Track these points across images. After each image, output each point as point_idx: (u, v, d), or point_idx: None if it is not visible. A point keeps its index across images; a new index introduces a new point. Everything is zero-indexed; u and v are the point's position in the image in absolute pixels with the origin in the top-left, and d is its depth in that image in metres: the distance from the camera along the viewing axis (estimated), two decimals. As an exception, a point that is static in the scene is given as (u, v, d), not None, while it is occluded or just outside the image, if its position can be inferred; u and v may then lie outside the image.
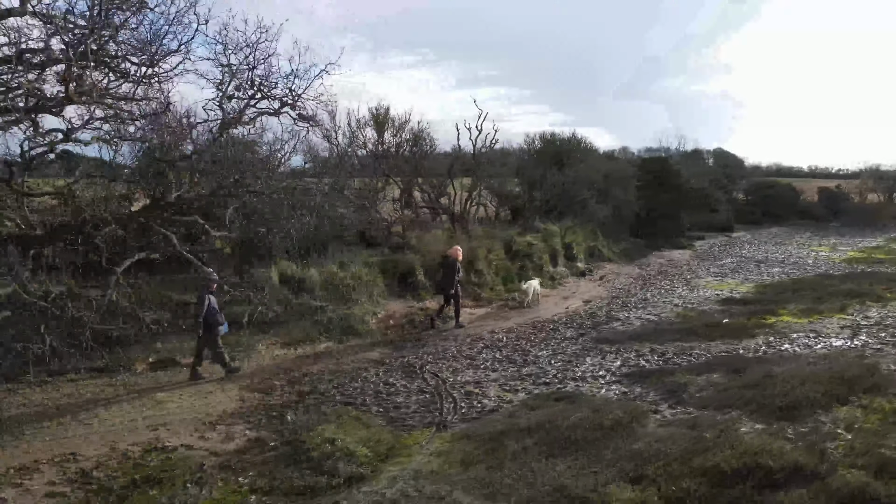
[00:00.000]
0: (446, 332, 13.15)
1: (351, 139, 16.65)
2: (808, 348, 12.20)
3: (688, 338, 12.80)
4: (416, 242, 16.03)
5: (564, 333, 13.26)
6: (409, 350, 11.93)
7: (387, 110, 16.52)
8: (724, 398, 9.21)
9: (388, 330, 12.87)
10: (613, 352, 11.88)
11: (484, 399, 9.36)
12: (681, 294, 17.71)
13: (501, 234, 18.71)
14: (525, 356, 11.61)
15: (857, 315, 15.04)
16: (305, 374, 10.37)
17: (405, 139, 16.81)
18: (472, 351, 11.91)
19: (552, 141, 25.53)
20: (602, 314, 15.10)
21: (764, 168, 75.23)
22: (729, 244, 31.01)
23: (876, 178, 45.21)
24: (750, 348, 12.12)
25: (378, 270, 14.63)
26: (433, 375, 10.45)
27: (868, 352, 11.90)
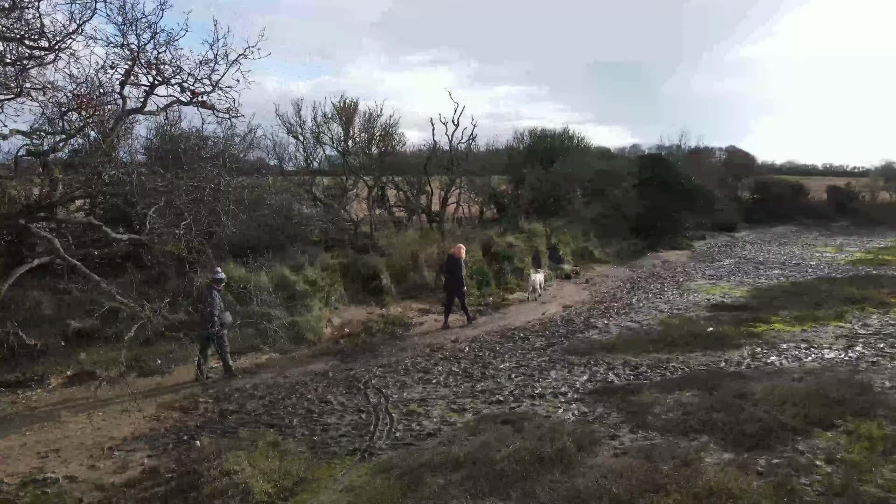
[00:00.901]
0: (405, 343, 12.23)
1: (317, 135, 15.77)
2: (796, 361, 11.18)
3: (666, 349, 11.83)
4: (383, 244, 15.12)
5: (533, 343, 12.31)
6: (360, 362, 11.03)
7: (355, 104, 15.66)
8: (691, 421, 8.26)
9: (343, 339, 11.99)
10: (582, 364, 10.92)
11: (425, 420, 8.45)
12: (668, 299, 16.68)
13: (480, 234, 17.76)
14: (484, 369, 10.68)
15: (856, 323, 13.99)
16: (236, 390, 9.51)
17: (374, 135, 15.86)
18: (427, 363, 10.99)
19: (543, 137, 24.50)
20: (579, 321, 14.13)
21: (777, 166, 73.86)
22: (730, 245, 29.85)
23: (888, 177, 43.74)
24: (732, 361, 11.13)
25: (339, 274, 13.73)
26: (377, 391, 9.55)
27: (862, 365, 10.89)
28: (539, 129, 24.72)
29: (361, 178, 16.37)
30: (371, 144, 15.95)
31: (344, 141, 15.64)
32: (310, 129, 15.61)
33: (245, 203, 11.24)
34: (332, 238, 15.20)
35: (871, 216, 39.82)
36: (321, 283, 12.94)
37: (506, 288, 16.41)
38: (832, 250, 27.92)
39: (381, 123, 16.21)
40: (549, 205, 22.23)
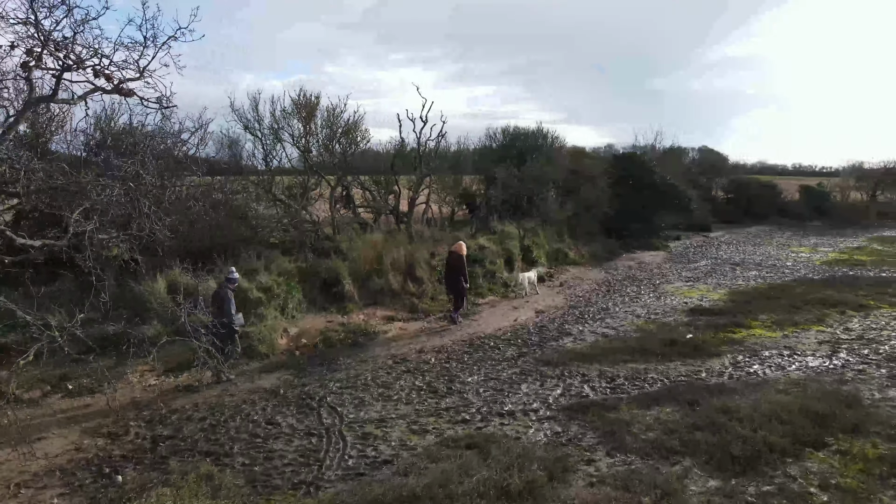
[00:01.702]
0: (367, 354, 11.38)
1: (276, 131, 14.82)
2: (780, 370, 10.61)
3: (644, 357, 11.17)
4: (346, 246, 14.24)
5: (504, 353, 11.56)
6: (316, 376, 10.16)
7: (317, 98, 14.74)
8: (672, 442, 7.57)
9: (298, 350, 11.09)
10: (556, 376, 10.20)
11: (382, 444, 7.63)
12: (645, 303, 16.07)
13: (450, 236, 16.96)
14: (451, 383, 9.89)
15: (837, 327, 13.52)
16: (174, 411, 8.57)
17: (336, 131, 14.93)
18: (389, 377, 10.16)
19: (516, 135, 23.79)
20: (553, 328, 13.41)
21: (749, 166, 74.38)
22: (706, 245, 29.50)
23: (858, 177, 44.02)
24: (713, 371, 10.51)
25: (297, 279, 12.82)
26: (331, 410, 8.69)
27: (849, 374, 10.36)
28: (512, 127, 24.02)
29: (322, 177, 15.45)
30: (332, 141, 15.03)
31: (304, 138, 14.70)
32: (268, 126, 14.68)
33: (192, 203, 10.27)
34: (291, 241, 14.27)
35: (842, 216, 39.98)
36: (276, 290, 12.02)
37: (477, 292, 15.63)
38: (807, 250, 27.72)
39: (345, 119, 15.35)
40: (523, 205, 21.52)
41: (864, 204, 42.37)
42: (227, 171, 14.76)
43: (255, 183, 15.32)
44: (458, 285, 13.42)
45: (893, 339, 12.53)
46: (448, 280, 13.64)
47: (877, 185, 43.67)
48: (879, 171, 43.46)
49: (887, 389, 9.55)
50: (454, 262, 13.39)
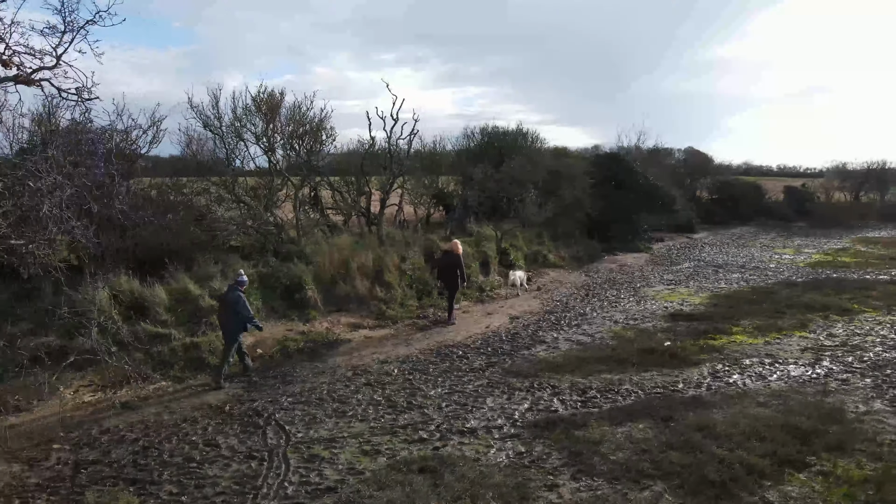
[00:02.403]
0: (327, 364, 10.73)
1: (237, 129, 14.10)
2: (760, 380, 10.08)
3: (619, 367, 10.61)
4: (310, 250, 13.56)
5: (472, 363, 10.95)
6: (268, 390, 9.50)
7: (281, 94, 14.04)
8: (643, 463, 6.99)
9: (252, 361, 10.40)
10: (525, 389, 9.60)
11: (328, 468, 6.99)
12: (624, 308, 15.53)
13: (423, 238, 16.34)
14: (412, 397, 9.26)
15: (821, 333, 13.05)
16: (106, 432, 7.88)
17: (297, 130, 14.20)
18: (347, 390, 9.52)
19: (495, 134, 23.20)
20: (526, 335, 12.83)
21: (734, 167, 74.35)
22: (689, 246, 29.09)
23: (842, 177, 43.91)
24: (691, 382, 9.96)
25: (256, 285, 12.14)
26: (279, 429, 8.04)
27: (832, 384, 9.85)
28: (491, 126, 23.41)
29: (286, 177, 14.76)
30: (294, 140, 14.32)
31: (265, 136, 14.00)
32: (229, 123, 13.95)
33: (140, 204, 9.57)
34: (252, 244, 13.59)
35: (826, 217, 39.78)
36: (231, 297, 11.30)
37: (451, 297, 14.98)
38: (791, 252, 27.38)
39: (311, 117, 14.65)
40: (502, 207, 20.93)
41: (848, 204, 42.24)
42: (185, 172, 14.03)
43: (218, 184, 14.61)
44: (454, 284, 13.42)
45: (878, 346, 12.07)
46: (444, 279, 13.64)
47: (860, 185, 43.59)
48: (862, 171, 43.39)
49: (872, 401, 9.04)
50: (451, 261, 13.40)
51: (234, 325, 9.63)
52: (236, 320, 9.59)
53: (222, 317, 9.81)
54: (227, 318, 9.67)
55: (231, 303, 9.58)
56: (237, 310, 9.54)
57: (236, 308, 9.55)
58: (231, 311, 9.60)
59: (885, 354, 11.53)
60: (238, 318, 9.58)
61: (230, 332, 9.70)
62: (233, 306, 9.55)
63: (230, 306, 9.59)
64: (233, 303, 9.56)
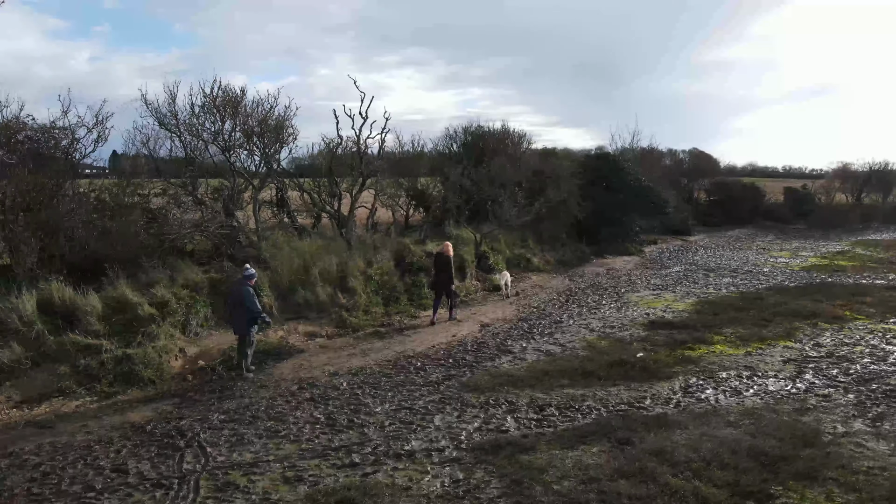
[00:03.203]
0: (267, 378, 10.06)
1: (198, 129, 13.45)
2: (735, 396, 9.39)
3: (585, 381, 9.93)
4: (269, 254, 12.92)
5: (429, 375, 10.28)
6: (201, 406, 8.85)
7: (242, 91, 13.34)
8: (589, 495, 6.31)
9: (192, 374, 9.77)
10: (479, 405, 8.92)
11: (239, 499, 6.33)
12: (603, 315, 14.83)
13: (394, 242, 15.68)
14: (355, 414, 8.60)
15: (807, 342, 12.35)
16: (9, 455, 7.24)
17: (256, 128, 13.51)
18: (287, 406, 8.86)
19: (478, 134, 22.51)
20: (493, 345, 12.16)
21: (739, 168, 73.43)
22: (683, 249, 28.37)
23: (843, 178, 43.00)
24: (660, 397, 9.27)
25: (207, 291, 11.50)
26: (200, 451, 7.38)
27: (811, 401, 9.15)
28: (475, 126, 22.70)
29: (245, 177, 14.10)
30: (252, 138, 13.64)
31: (221, 135, 13.32)
32: (185, 122, 13.28)
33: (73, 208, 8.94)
34: (209, 249, 12.95)
35: (826, 218, 38.95)
36: (175, 305, 10.68)
37: (420, 304, 14.35)
38: (787, 255, 26.62)
39: (275, 115, 13.97)
40: (486, 209, 20.24)
41: (849, 206, 41.35)
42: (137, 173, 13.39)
43: (178, 185, 13.98)
44: (448, 287, 13.54)
45: (866, 357, 11.37)
46: (436, 282, 13.70)
47: (862, 186, 42.70)
48: (865, 172, 42.49)
49: (853, 421, 8.33)
50: (442, 263, 13.50)
51: (244, 319, 9.74)
52: (245, 315, 9.71)
53: (231, 312, 9.98)
54: (236, 313, 9.83)
55: (240, 298, 9.68)
56: (246, 304, 9.64)
57: (245, 303, 9.64)
58: (239, 306, 9.72)
59: (872, 367, 10.83)
60: (248, 312, 9.69)
61: (240, 327, 9.82)
62: (241, 301, 9.65)
63: (238, 301, 9.71)
64: (242, 297, 9.65)
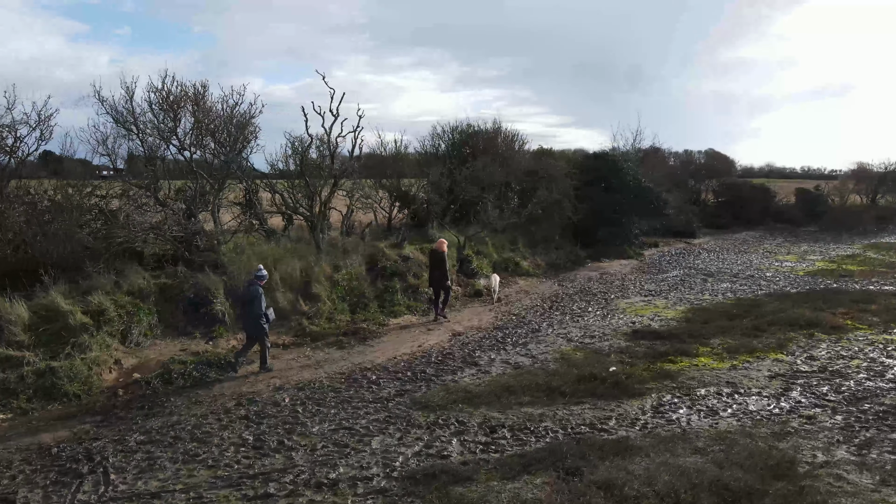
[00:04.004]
0: (211, 392, 9.40)
1: (158, 127, 12.83)
2: (710, 416, 8.57)
3: (548, 398, 9.16)
4: (227, 259, 12.26)
5: (381, 390, 9.55)
6: (122, 425, 8.21)
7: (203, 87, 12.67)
8: (517, 539, 5.51)
9: (124, 389, 9.12)
10: (426, 426, 8.19)
11: (125, 537, 5.62)
12: (586, 323, 14.01)
13: (367, 245, 14.97)
14: (289, 434, 7.91)
15: (800, 355, 11.47)
16: None
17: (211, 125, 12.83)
18: (217, 425, 8.18)
19: (467, 133, 21.75)
20: (460, 355, 11.41)
21: (756, 169, 71.96)
22: (685, 252, 27.38)
23: (859, 179, 41.58)
24: (627, 418, 8.47)
25: (156, 298, 10.87)
26: (102, 478, 6.71)
27: (794, 423, 8.31)
28: (464, 124, 21.92)
29: (205, 178, 13.45)
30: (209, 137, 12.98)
31: (176, 134, 12.67)
32: (144, 118, 12.66)
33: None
34: (163, 252, 12.32)
35: (839, 220, 37.67)
36: (113, 314, 10.04)
37: (391, 311, 13.62)
38: (793, 258, 25.55)
39: (240, 113, 13.30)
40: (475, 210, 19.49)
41: (863, 207, 39.98)
42: (81, 174, 12.80)
43: (139, 185, 13.38)
44: (443, 282, 13.67)
45: (862, 372, 10.46)
46: (432, 278, 13.90)
47: (877, 187, 41.30)
48: (881, 173, 41.08)
49: (836, 448, 7.47)
50: (436, 260, 13.66)
51: (253, 319, 9.86)
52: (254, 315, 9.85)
53: (242, 313, 10.17)
54: (246, 314, 9.98)
55: (250, 298, 9.81)
56: (252, 304, 9.79)
57: (253, 302, 9.79)
58: (248, 305, 9.87)
59: (867, 383, 9.93)
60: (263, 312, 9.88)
61: (251, 327, 9.96)
62: (250, 300, 9.79)
63: (248, 302, 9.84)
64: (252, 297, 9.78)
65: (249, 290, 9.91)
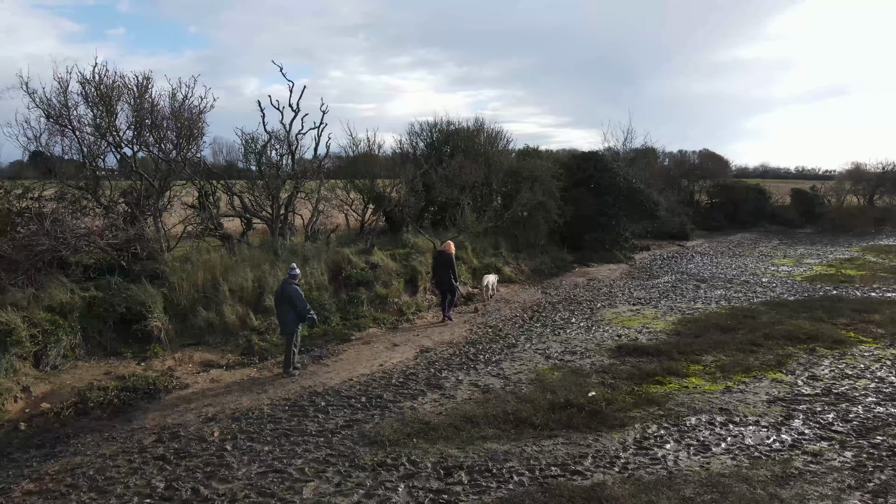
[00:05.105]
0: (131, 424, 8.20)
1: (95, 122, 11.59)
2: (701, 453, 7.45)
3: (516, 431, 8.03)
4: (170, 269, 11.07)
5: (328, 421, 8.39)
6: (13, 469, 7.00)
7: (146, 80, 11.38)
8: None
9: (28, 422, 7.92)
10: (370, 467, 7.03)
11: None
12: (568, 336, 12.88)
13: (332, 252, 13.79)
14: (208, 480, 6.74)
15: (800, 374, 10.39)
16: None
17: (148, 122, 11.56)
18: (126, 468, 7.00)
19: (448, 132, 20.59)
20: (424, 376, 10.25)
21: (751, 169, 71.18)
22: (678, 256, 26.30)
23: (855, 179, 40.61)
24: (605, 457, 7.34)
25: (80, 314, 9.67)
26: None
27: (798, 462, 7.21)
28: (444, 122, 20.76)
29: (146, 179, 12.23)
30: (145, 134, 11.76)
31: (109, 130, 11.43)
32: (78, 114, 11.42)
33: None
34: (100, 261, 11.13)
35: (836, 222, 36.74)
36: (23, 333, 8.83)
37: (355, 324, 12.45)
38: (790, 262, 24.49)
39: (189, 107, 12.08)
40: (451, 213, 18.34)
41: (860, 209, 39.01)
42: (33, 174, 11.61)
43: (79, 187, 12.18)
44: (449, 284, 13.63)
45: (871, 395, 9.37)
46: (436, 278, 13.91)
47: (875, 188, 40.34)
48: (878, 173, 40.11)
49: (848, 496, 6.35)
50: (443, 261, 13.61)
51: (292, 319, 9.80)
52: (293, 314, 9.78)
53: (280, 312, 9.97)
54: (284, 313, 9.85)
55: (288, 297, 9.74)
56: (294, 303, 9.71)
57: (293, 302, 9.71)
58: (288, 305, 9.76)
59: (878, 409, 8.86)
60: (295, 311, 9.75)
61: (287, 326, 9.89)
62: (289, 300, 9.72)
63: (286, 300, 9.76)
64: (290, 296, 9.72)
65: (285, 290, 9.82)
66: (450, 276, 13.55)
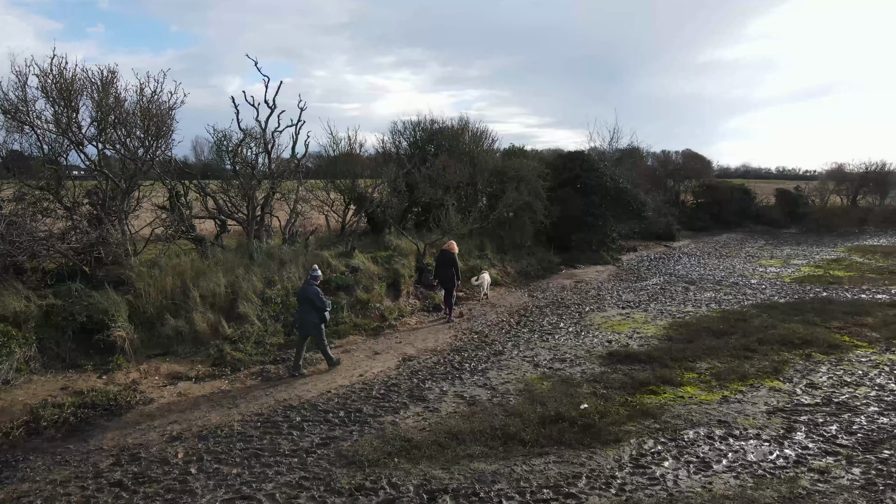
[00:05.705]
0: (88, 444, 7.56)
1: (56, 119, 10.88)
2: (701, 471, 6.98)
3: (504, 449, 7.50)
4: (136, 275, 10.41)
5: (302, 438, 7.81)
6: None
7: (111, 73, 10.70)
8: None
9: (-26, 444, 7.24)
10: (347, 492, 6.48)
11: None
12: (556, 342, 12.40)
13: (311, 255, 13.17)
14: (167, 509, 6.09)
15: (798, 382, 10.00)
16: None
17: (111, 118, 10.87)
18: (77, 497, 6.36)
19: (432, 131, 20.04)
20: (406, 387, 9.70)
21: (732, 169, 71.42)
22: (664, 257, 25.98)
23: (838, 179, 40.70)
24: (600, 475, 6.84)
25: (36, 323, 8.99)
26: None
27: (804, 480, 6.79)
28: (427, 121, 20.21)
29: (110, 178, 11.53)
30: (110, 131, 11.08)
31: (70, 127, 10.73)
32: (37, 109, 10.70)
33: None
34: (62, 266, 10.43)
35: (820, 222, 36.78)
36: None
37: (335, 331, 11.87)
38: (777, 263, 24.26)
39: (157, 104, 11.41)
40: (435, 214, 17.79)
41: (844, 209, 39.09)
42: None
43: (40, 188, 11.46)
44: (452, 282, 13.74)
45: (873, 404, 8.99)
46: (439, 276, 14.03)
47: (858, 188, 40.45)
48: (860, 173, 40.21)
49: (861, 521, 5.89)
50: (446, 260, 13.77)
51: (313, 319, 9.90)
52: (315, 314, 9.89)
53: (301, 311, 10.04)
54: (306, 312, 9.92)
55: (309, 297, 9.86)
56: (314, 303, 9.82)
57: (314, 302, 9.83)
58: (310, 306, 9.86)
59: (882, 420, 8.47)
60: (317, 310, 9.87)
61: (312, 326, 9.94)
62: (311, 301, 9.83)
63: (308, 301, 9.87)
64: (311, 297, 9.84)
65: (306, 291, 9.94)
66: (452, 274, 13.66)
